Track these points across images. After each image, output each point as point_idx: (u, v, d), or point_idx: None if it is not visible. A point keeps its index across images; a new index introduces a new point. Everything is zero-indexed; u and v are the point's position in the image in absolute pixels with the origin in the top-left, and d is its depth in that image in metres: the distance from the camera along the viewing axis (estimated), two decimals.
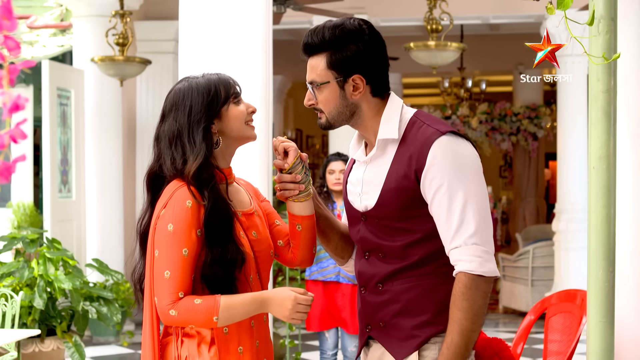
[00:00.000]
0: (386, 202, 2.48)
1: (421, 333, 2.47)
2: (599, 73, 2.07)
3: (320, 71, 2.48)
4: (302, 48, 2.53)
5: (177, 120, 2.48)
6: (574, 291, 3.85)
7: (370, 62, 2.48)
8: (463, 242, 2.38)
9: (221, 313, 2.39)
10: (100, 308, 6.27)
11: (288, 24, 9.86)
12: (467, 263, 2.38)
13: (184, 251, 2.39)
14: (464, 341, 2.38)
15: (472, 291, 2.37)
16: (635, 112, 5.10)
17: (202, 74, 2.56)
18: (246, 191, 2.66)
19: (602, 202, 2.08)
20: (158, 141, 2.54)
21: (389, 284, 2.51)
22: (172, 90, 2.55)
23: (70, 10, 9.19)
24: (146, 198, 2.60)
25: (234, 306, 2.41)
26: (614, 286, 2.11)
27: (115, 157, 8.99)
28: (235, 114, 2.53)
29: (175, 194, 2.43)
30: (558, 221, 9.37)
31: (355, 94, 2.49)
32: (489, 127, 14.94)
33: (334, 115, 2.51)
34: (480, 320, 2.40)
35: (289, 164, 2.59)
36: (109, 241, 8.90)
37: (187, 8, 4.58)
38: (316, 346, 6.92)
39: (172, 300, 2.38)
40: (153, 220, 2.47)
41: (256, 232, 2.56)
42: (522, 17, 9.92)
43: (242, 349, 2.49)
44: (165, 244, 2.39)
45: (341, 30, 2.46)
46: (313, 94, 2.51)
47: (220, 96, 2.51)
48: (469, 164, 2.43)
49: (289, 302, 2.44)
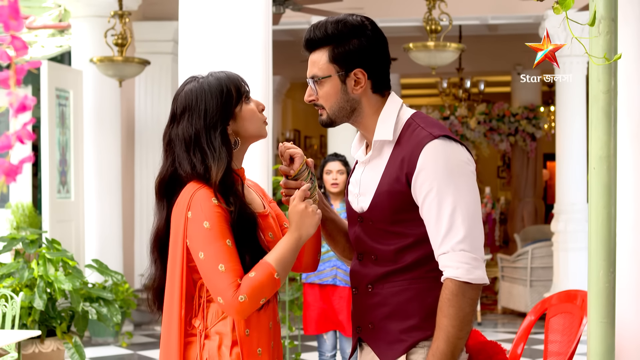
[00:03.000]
0: (379, 205, 2.47)
1: (408, 337, 2.46)
2: (600, 74, 2.07)
3: (322, 65, 2.48)
4: (303, 44, 2.53)
5: (192, 124, 2.45)
6: (574, 292, 3.85)
7: (372, 56, 2.48)
8: (451, 248, 2.36)
9: (278, 268, 2.40)
10: (100, 309, 6.26)
11: (287, 24, 9.87)
12: (454, 269, 2.35)
13: (228, 242, 2.37)
14: (449, 348, 2.35)
15: (458, 298, 2.34)
16: (635, 113, 5.10)
17: (210, 73, 2.53)
18: (256, 192, 2.66)
19: (603, 202, 2.08)
20: (170, 145, 2.50)
21: (380, 287, 2.51)
22: (182, 91, 2.51)
23: (68, 11, 9.19)
24: (159, 205, 2.54)
25: (283, 255, 2.43)
26: (614, 287, 2.11)
27: (114, 158, 8.99)
28: (249, 113, 2.52)
29: (195, 195, 2.40)
30: (557, 221, 9.38)
31: (357, 88, 2.48)
32: (487, 128, 14.95)
33: (334, 111, 2.50)
34: (467, 327, 2.38)
35: (295, 171, 2.59)
36: (107, 242, 8.89)
37: (186, 8, 4.58)
38: (316, 347, 6.92)
39: (235, 289, 2.34)
40: (178, 226, 2.42)
41: (272, 234, 2.56)
42: (521, 18, 9.93)
43: (260, 351, 2.49)
44: (208, 241, 2.36)
45: (344, 24, 2.47)
46: (314, 89, 2.51)
47: (233, 97, 2.49)
48: (460, 169, 2.40)
49: (299, 205, 2.47)
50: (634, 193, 5.14)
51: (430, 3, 7.77)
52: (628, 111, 5.09)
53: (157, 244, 2.56)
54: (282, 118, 17.20)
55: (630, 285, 5.10)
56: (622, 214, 5.03)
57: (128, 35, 8.28)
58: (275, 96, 15.21)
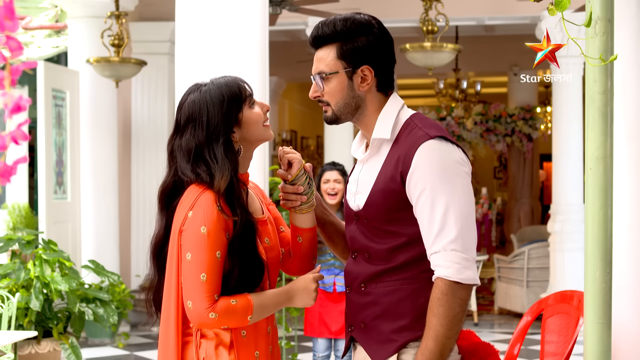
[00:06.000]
0: (374, 203, 2.48)
1: (399, 337, 2.46)
2: (596, 74, 2.07)
3: (329, 61, 2.49)
4: (310, 40, 2.53)
5: (194, 136, 2.45)
6: (571, 292, 3.84)
7: (379, 54, 2.50)
8: (442, 247, 2.36)
9: (255, 312, 2.41)
10: (97, 309, 6.26)
11: (283, 25, 9.86)
12: (445, 269, 2.36)
13: (217, 254, 2.38)
14: (438, 347, 2.35)
15: (448, 297, 2.35)
16: (632, 113, 5.11)
17: (212, 81, 2.52)
18: (256, 195, 2.66)
19: (599, 203, 2.08)
20: (173, 155, 2.50)
21: (372, 286, 2.51)
22: (186, 102, 2.50)
23: (65, 11, 9.18)
24: (160, 213, 2.54)
25: (266, 304, 2.45)
26: (611, 287, 2.11)
27: (111, 158, 8.98)
28: (254, 118, 2.52)
29: (201, 197, 2.40)
30: (553, 222, 9.38)
31: (363, 85, 2.49)
32: (483, 129, 14.95)
33: (340, 107, 2.51)
34: (457, 327, 2.37)
35: (292, 176, 2.60)
36: (104, 242, 8.88)
37: (183, 9, 4.58)
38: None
39: (210, 304, 2.36)
40: (177, 223, 2.43)
41: (268, 239, 2.56)
42: (517, 19, 9.93)
43: (258, 354, 2.50)
44: (200, 246, 2.37)
45: (352, 22, 2.48)
46: (320, 86, 2.51)
47: (236, 103, 2.49)
48: (454, 169, 2.40)
49: (311, 285, 2.52)
50: (630, 194, 5.14)
51: (427, 4, 7.77)
52: (624, 112, 5.10)
53: (155, 251, 2.56)
54: (279, 119, 17.20)
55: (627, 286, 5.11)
56: (619, 214, 5.04)
57: (124, 36, 8.28)
58: (271, 97, 15.21)
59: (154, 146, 9.70)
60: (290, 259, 2.70)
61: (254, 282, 2.46)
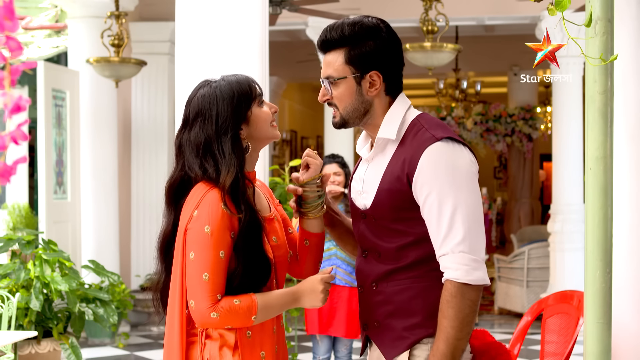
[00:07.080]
0: (380, 203, 2.49)
1: (411, 335, 2.48)
2: (596, 74, 2.06)
3: (337, 66, 2.48)
4: (318, 44, 2.53)
5: (203, 130, 2.45)
6: (571, 292, 3.84)
7: (387, 59, 2.49)
8: (450, 249, 2.37)
9: (259, 313, 2.40)
10: (97, 309, 6.26)
11: (283, 25, 9.86)
12: (454, 271, 2.37)
13: (221, 253, 2.37)
14: (449, 349, 2.36)
15: (457, 299, 2.36)
16: (632, 114, 5.11)
17: (222, 77, 2.53)
18: (263, 194, 2.67)
19: (599, 203, 2.08)
20: (181, 149, 2.50)
21: (383, 285, 2.52)
22: (195, 96, 2.51)
23: (65, 12, 9.18)
24: (167, 208, 2.54)
25: (271, 305, 2.43)
26: (611, 287, 2.11)
27: (111, 159, 8.98)
28: (263, 116, 2.52)
29: (206, 195, 2.40)
30: (553, 222, 9.38)
31: (372, 90, 2.49)
32: (483, 129, 14.96)
33: (349, 112, 2.51)
34: (468, 328, 2.38)
35: (302, 180, 2.61)
36: (104, 242, 8.88)
37: (183, 9, 4.57)
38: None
39: (212, 303, 2.36)
40: (183, 222, 2.43)
41: (276, 238, 2.56)
42: (517, 19, 9.93)
43: (264, 354, 2.49)
44: (203, 246, 2.37)
45: (360, 26, 2.48)
46: (328, 90, 2.51)
47: (245, 100, 2.49)
48: (461, 171, 2.40)
49: (319, 286, 2.49)
50: (630, 194, 5.14)
51: (427, 4, 7.77)
52: (624, 112, 5.10)
53: (163, 247, 2.56)
54: (279, 119, 17.20)
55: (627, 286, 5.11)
56: (619, 214, 5.04)
57: (124, 36, 8.28)
58: (271, 97, 15.21)
59: (154, 146, 9.70)
60: (296, 261, 2.71)
61: (260, 280, 2.45)
